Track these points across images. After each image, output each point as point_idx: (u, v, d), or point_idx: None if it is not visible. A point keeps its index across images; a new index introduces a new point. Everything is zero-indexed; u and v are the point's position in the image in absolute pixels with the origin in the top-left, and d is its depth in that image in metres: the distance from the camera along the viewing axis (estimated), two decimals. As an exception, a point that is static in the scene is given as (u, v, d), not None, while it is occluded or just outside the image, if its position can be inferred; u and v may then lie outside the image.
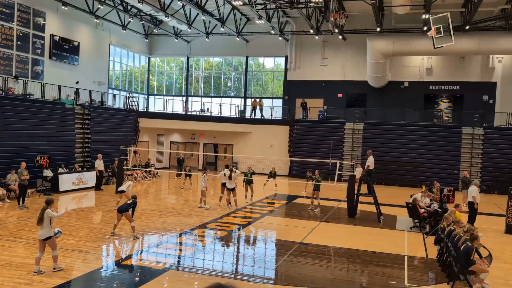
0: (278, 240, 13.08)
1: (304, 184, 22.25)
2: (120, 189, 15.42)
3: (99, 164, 20.64)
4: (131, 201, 12.11)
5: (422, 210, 14.64)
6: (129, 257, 10.49)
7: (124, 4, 28.05)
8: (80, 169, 21.66)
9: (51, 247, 8.83)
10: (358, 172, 19.01)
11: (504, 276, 10.03)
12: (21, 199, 15.78)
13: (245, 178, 19.11)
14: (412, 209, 14.72)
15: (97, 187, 20.80)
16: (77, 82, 26.78)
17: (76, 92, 25.47)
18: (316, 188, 17.47)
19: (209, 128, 31.88)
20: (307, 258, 10.82)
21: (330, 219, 16.15)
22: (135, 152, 26.14)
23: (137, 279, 9.13)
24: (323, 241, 12.68)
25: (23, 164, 16.30)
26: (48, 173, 19.23)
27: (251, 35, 32.82)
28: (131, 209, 11.90)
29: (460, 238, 9.19)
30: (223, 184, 17.33)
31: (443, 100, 31.51)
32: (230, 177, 16.91)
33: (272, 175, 22.42)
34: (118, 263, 9.93)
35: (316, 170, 18.79)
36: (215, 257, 11.11)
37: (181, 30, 33.35)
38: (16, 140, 19.70)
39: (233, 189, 17.07)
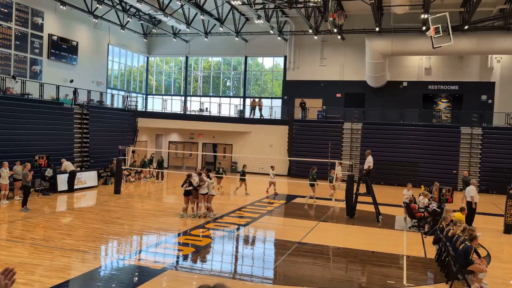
0: (277, 240, 13.07)
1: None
2: (186, 188, 14.88)
3: (65, 165, 19.43)
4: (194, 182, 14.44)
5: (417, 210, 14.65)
6: (137, 252, 10.47)
7: (122, 3, 28.00)
8: (78, 169, 21.60)
9: (197, 198, 14.71)
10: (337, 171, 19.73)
11: (502, 276, 10.04)
12: (18, 197, 15.64)
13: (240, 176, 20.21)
14: (407, 208, 14.79)
15: (69, 189, 19.33)
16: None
17: (75, 92, 25.45)
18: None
19: (208, 128, 31.85)
20: (306, 258, 10.81)
21: (329, 218, 16.16)
22: (133, 152, 26.10)
23: (135, 279, 9.11)
24: (321, 241, 12.67)
25: (18, 164, 15.99)
26: (49, 172, 19.16)
27: (250, 35, 32.81)
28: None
29: (459, 238, 9.19)
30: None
31: (442, 100, 31.53)
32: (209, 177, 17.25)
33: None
34: (117, 263, 9.92)
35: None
36: (214, 257, 11.10)
37: (180, 30, 33.33)
38: (14, 140, 19.66)
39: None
